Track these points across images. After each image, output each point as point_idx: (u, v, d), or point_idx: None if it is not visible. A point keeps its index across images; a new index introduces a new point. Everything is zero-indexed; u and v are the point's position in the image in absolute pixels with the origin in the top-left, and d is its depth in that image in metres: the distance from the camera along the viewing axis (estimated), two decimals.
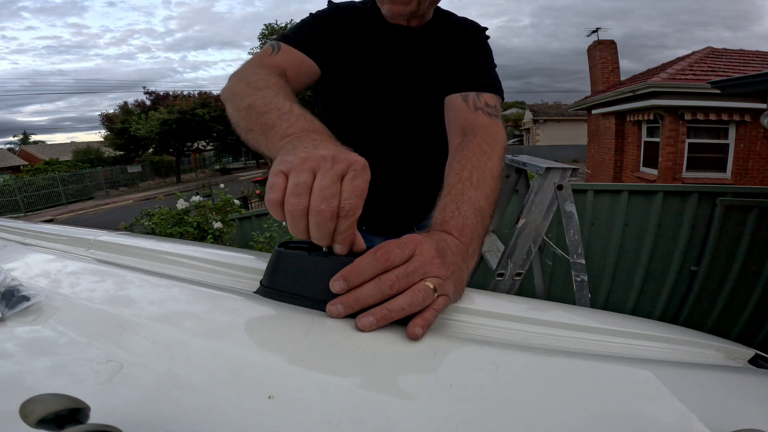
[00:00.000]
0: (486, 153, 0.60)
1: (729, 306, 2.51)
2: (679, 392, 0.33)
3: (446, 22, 0.83)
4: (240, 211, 3.74)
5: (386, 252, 0.37)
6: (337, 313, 0.36)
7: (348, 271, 0.36)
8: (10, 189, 16.13)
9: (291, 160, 0.37)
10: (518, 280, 1.27)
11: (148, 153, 25.19)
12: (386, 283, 0.35)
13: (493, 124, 0.69)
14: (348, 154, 0.38)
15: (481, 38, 0.83)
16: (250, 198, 10.71)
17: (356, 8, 0.82)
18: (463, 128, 0.70)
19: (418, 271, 0.37)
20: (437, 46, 0.81)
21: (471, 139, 0.65)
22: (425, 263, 0.38)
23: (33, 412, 0.19)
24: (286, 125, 0.48)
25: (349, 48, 0.80)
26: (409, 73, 0.82)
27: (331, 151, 0.38)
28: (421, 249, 0.39)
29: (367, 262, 0.36)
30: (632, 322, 0.50)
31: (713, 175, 6.95)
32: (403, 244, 0.38)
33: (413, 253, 0.38)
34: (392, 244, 0.38)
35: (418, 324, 0.34)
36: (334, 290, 0.36)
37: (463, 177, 0.55)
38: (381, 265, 0.36)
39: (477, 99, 0.72)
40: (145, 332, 0.33)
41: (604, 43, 9.90)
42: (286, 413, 0.26)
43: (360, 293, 0.35)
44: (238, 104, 0.57)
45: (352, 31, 0.80)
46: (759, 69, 5.62)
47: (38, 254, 0.56)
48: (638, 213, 2.63)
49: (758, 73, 2.94)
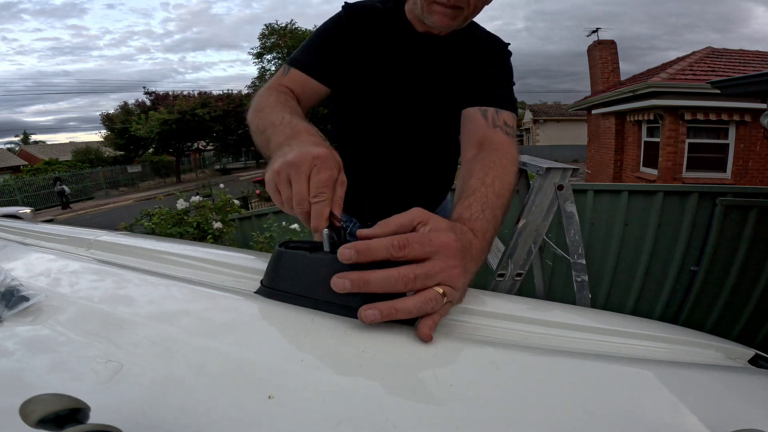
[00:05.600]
0: (506, 167, 0.61)
1: (729, 306, 2.50)
2: (680, 392, 0.33)
3: (473, 33, 0.82)
4: (240, 211, 3.75)
5: (404, 243, 0.36)
6: (341, 286, 0.35)
7: (361, 247, 0.35)
8: (10, 189, 16.13)
9: (269, 177, 0.45)
10: (519, 280, 1.27)
11: (148, 153, 25.19)
12: (402, 280, 0.35)
13: (511, 144, 0.70)
14: (310, 150, 0.43)
15: (507, 56, 0.83)
16: (250, 198, 10.71)
17: (374, 10, 0.80)
18: (480, 143, 0.70)
19: (436, 277, 0.36)
20: (462, 55, 0.80)
21: (492, 152, 0.65)
22: (446, 269, 0.37)
23: (33, 412, 0.19)
24: (275, 138, 0.55)
25: (369, 53, 0.80)
26: (431, 80, 0.81)
27: (297, 154, 0.43)
28: (446, 251, 0.37)
29: (382, 245, 0.36)
30: (632, 322, 0.50)
31: (713, 175, 6.95)
32: (427, 242, 0.37)
33: (436, 252, 0.37)
34: (415, 238, 0.36)
35: (430, 326, 0.35)
36: (342, 258, 0.35)
37: (486, 183, 0.55)
38: (395, 253, 0.36)
39: (496, 116, 0.72)
40: (145, 332, 0.33)
41: (604, 43, 9.90)
42: (286, 413, 0.26)
43: (372, 279, 0.35)
44: (252, 128, 0.66)
45: (372, 36, 0.79)
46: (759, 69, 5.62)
47: (38, 254, 0.56)
48: (638, 213, 2.63)
49: (758, 73, 2.94)
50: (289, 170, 0.43)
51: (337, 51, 0.79)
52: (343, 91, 0.84)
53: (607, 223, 2.69)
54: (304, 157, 0.42)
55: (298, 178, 0.42)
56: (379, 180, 0.91)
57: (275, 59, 21.91)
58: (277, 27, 21.53)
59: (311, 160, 0.42)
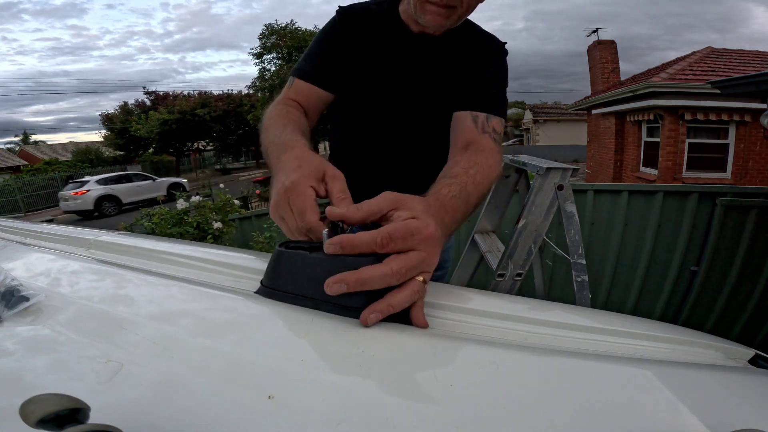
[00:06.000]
0: (490, 167, 0.65)
1: (729, 306, 2.50)
2: (680, 392, 0.33)
3: (469, 33, 0.82)
4: (240, 211, 3.75)
5: (387, 240, 0.37)
6: (338, 290, 0.36)
7: (345, 240, 0.37)
8: (10, 189, 16.13)
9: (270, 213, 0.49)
10: (519, 280, 1.28)
11: (148, 153, 25.19)
12: (395, 276, 0.37)
13: (497, 152, 0.73)
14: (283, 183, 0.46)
15: (503, 57, 0.83)
16: (250, 198, 10.71)
17: (368, 11, 0.81)
18: (467, 145, 0.72)
19: (420, 267, 0.38)
20: (458, 55, 0.81)
21: (479, 152, 0.68)
22: (427, 258, 0.39)
23: (33, 412, 0.19)
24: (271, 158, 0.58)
25: (365, 55, 0.80)
26: (427, 80, 0.82)
27: (275, 194, 0.47)
28: (428, 242, 0.39)
29: (366, 241, 0.37)
30: (632, 322, 0.50)
31: (713, 175, 6.95)
32: (409, 236, 0.38)
33: (419, 244, 0.39)
34: (398, 233, 0.38)
35: (422, 314, 0.38)
36: (327, 251, 0.37)
37: (468, 173, 0.59)
38: (378, 250, 0.37)
39: (486, 123, 0.75)
40: (145, 332, 0.33)
41: (605, 43, 9.89)
42: (286, 413, 0.26)
43: (368, 279, 0.36)
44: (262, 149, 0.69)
45: (368, 38, 0.80)
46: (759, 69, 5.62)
47: (38, 254, 0.56)
48: (638, 213, 2.63)
49: (758, 73, 2.94)
50: (276, 211, 0.47)
51: (335, 56, 0.80)
52: (342, 92, 0.84)
53: (607, 223, 2.69)
54: (279, 195, 0.46)
55: (285, 214, 0.46)
56: (378, 179, 0.91)
57: (275, 59, 21.88)
58: (277, 27, 21.49)
59: (284, 195, 0.46)
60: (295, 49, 20.53)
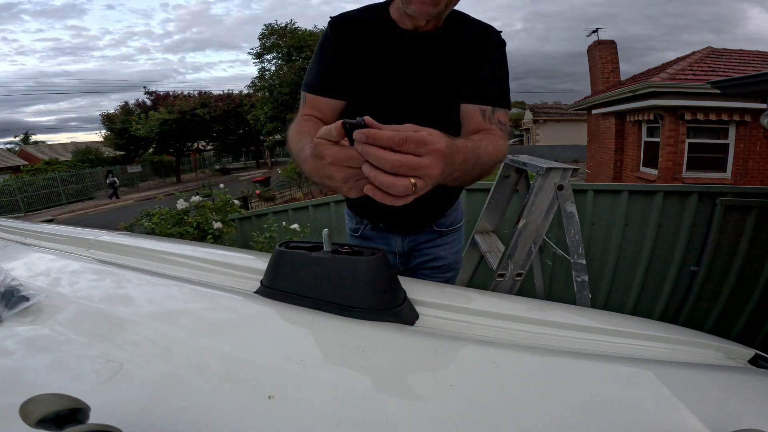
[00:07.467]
0: (499, 148, 0.70)
1: (729, 306, 2.50)
2: (680, 392, 0.33)
3: (463, 25, 0.83)
4: (240, 211, 3.74)
5: (404, 140, 0.41)
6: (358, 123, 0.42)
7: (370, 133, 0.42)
8: (10, 189, 16.12)
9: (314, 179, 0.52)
10: (519, 280, 1.28)
11: (148, 153, 25.16)
12: (390, 163, 0.41)
13: (504, 140, 0.77)
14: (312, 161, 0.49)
15: (501, 46, 0.84)
16: (250, 198, 10.71)
17: (359, 17, 0.83)
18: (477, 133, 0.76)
19: (418, 170, 0.42)
20: (454, 50, 0.82)
21: (490, 135, 0.73)
22: (428, 166, 0.43)
23: (33, 412, 0.19)
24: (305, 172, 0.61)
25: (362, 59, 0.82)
26: (425, 77, 0.83)
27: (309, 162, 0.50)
28: (435, 154, 0.43)
29: (386, 137, 0.41)
30: (632, 322, 0.50)
31: (713, 175, 6.94)
32: (422, 144, 0.42)
33: (428, 153, 0.42)
34: (414, 139, 0.42)
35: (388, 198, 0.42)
36: (355, 137, 0.42)
37: (482, 144, 0.64)
38: (394, 146, 0.41)
39: (492, 115, 0.79)
40: (145, 332, 0.33)
41: (604, 43, 9.88)
42: (286, 413, 0.26)
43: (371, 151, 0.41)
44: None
45: (362, 42, 0.82)
46: (759, 69, 5.62)
47: (38, 254, 0.56)
48: (638, 213, 2.63)
49: (758, 73, 2.94)
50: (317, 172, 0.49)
51: (334, 65, 0.82)
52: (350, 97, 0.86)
53: (607, 223, 2.69)
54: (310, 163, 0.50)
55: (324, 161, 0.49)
56: None
57: (275, 59, 21.89)
58: (277, 27, 21.50)
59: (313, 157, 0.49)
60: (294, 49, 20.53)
